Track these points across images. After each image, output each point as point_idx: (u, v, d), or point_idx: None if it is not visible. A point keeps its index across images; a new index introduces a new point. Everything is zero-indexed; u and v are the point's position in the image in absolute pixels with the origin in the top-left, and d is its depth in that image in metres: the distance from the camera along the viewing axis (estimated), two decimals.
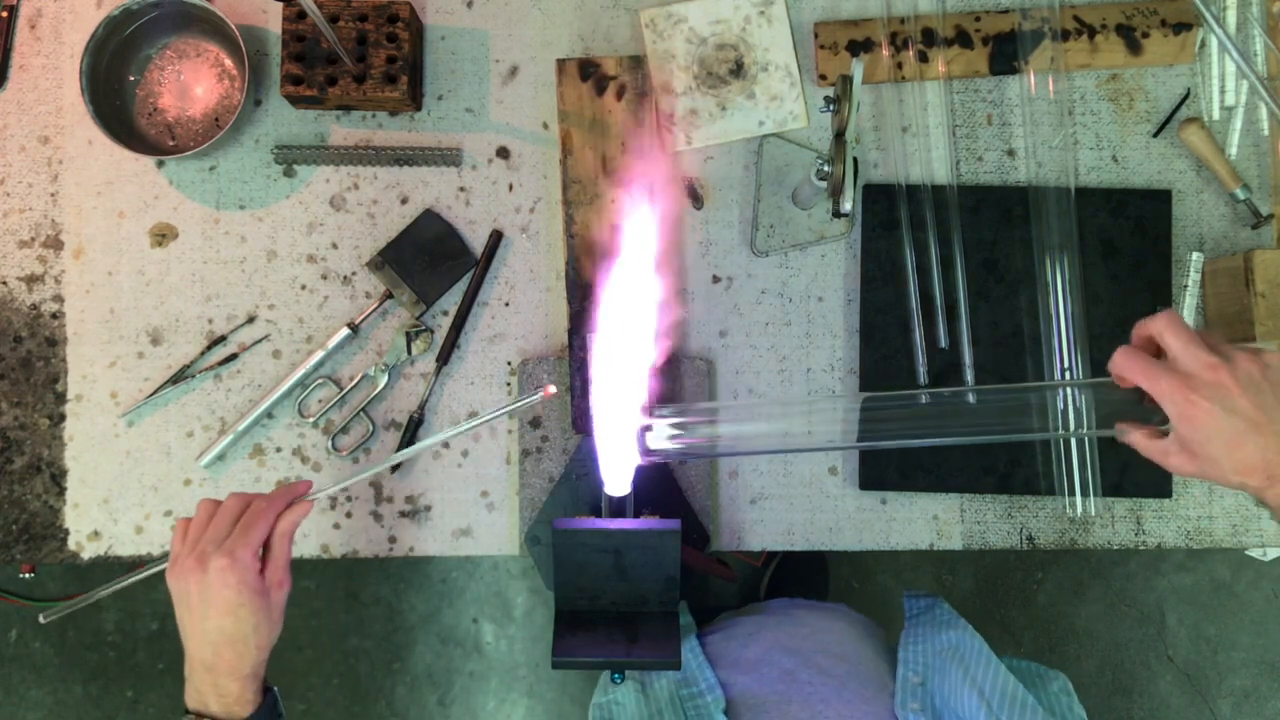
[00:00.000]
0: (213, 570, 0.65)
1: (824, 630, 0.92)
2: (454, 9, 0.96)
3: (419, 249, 0.92)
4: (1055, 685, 0.85)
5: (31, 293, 0.93)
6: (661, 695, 0.81)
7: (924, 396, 0.83)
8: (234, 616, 0.65)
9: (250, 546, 0.66)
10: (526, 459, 0.91)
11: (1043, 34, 0.93)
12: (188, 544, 0.67)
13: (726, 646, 0.89)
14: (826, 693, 0.78)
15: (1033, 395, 0.76)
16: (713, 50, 0.94)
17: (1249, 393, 0.58)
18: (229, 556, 0.65)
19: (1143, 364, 0.61)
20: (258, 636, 0.66)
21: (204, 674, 0.66)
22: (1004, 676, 0.76)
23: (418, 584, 1.84)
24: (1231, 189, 0.92)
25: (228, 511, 0.68)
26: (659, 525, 0.70)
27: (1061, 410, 0.86)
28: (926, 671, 0.80)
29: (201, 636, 0.66)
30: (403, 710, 1.84)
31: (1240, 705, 1.86)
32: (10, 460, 0.92)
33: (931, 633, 0.85)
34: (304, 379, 0.92)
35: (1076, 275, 0.91)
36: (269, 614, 0.67)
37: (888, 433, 0.73)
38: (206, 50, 0.95)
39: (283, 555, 0.69)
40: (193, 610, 0.66)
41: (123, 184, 0.94)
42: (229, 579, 0.65)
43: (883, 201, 0.93)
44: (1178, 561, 1.86)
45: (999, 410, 0.73)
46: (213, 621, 0.65)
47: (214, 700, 0.67)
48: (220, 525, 0.67)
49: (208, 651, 0.66)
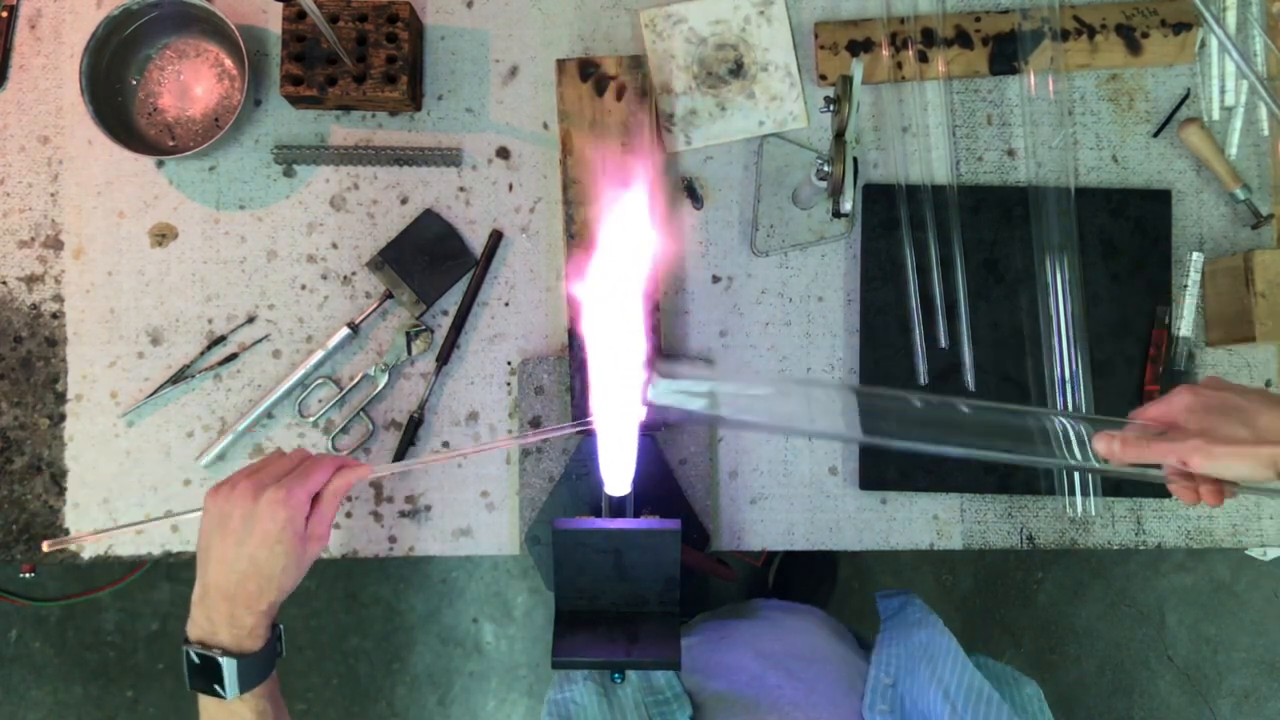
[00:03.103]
0: (264, 500, 0.65)
1: (795, 632, 0.92)
2: (454, 9, 0.96)
3: (419, 249, 0.92)
4: (1029, 690, 0.86)
5: (31, 293, 0.93)
6: (627, 702, 0.81)
7: (917, 401, 0.83)
8: (269, 550, 0.65)
9: (306, 489, 0.67)
10: (526, 459, 0.91)
11: (1043, 34, 0.93)
12: (244, 472, 0.68)
13: (698, 651, 0.89)
14: (795, 696, 0.78)
15: (1031, 420, 0.78)
16: (712, 50, 0.94)
17: (1240, 387, 0.64)
18: (285, 491, 0.65)
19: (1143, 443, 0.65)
20: (284, 578, 0.66)
21: (220, 602, 0.66)
22: (971, 675, 0.76)
23: (418, 584, 1.84)
24: (1231, 189, 0.92)
25: (291, 458, 0.70)
26: (659, 525, 0.70)
27: (1061, 432, 0.86)
28: (899, 673, 0.81)
29: (229, 563, 0.65)
30: (403, 710, 1.84)
31: (1240, 705, 1.86)
32: (10, 460, 0.92)
33: (905, 634, 0.86)
34: (304, 379, 0.92)
35: (1076, 275, 0.91)
36: (300, 560, 0.67)
37: (887, 431, 0.73)
38: (206, 50, 0.95)
39: (330, 510, 0.69)
40: (229, 534, 0.65)
41: (123, 184, 0.94)
42: (278, 513, 0.65)
43: (883, 201, 0.93)
44: (1178, 561, 1.86)
45: (1001, 428, 0.74)
46: (248, 549, 0.65)
47: (225, 630, 0.66)
48: (282, 465, 0.68)
49: (231, 580, 0.65)
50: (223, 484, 0.68)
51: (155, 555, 0.92)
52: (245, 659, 0.66)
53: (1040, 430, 0.80)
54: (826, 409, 0.77)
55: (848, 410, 0.74)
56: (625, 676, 0.75)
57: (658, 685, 0.81)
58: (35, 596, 1.80)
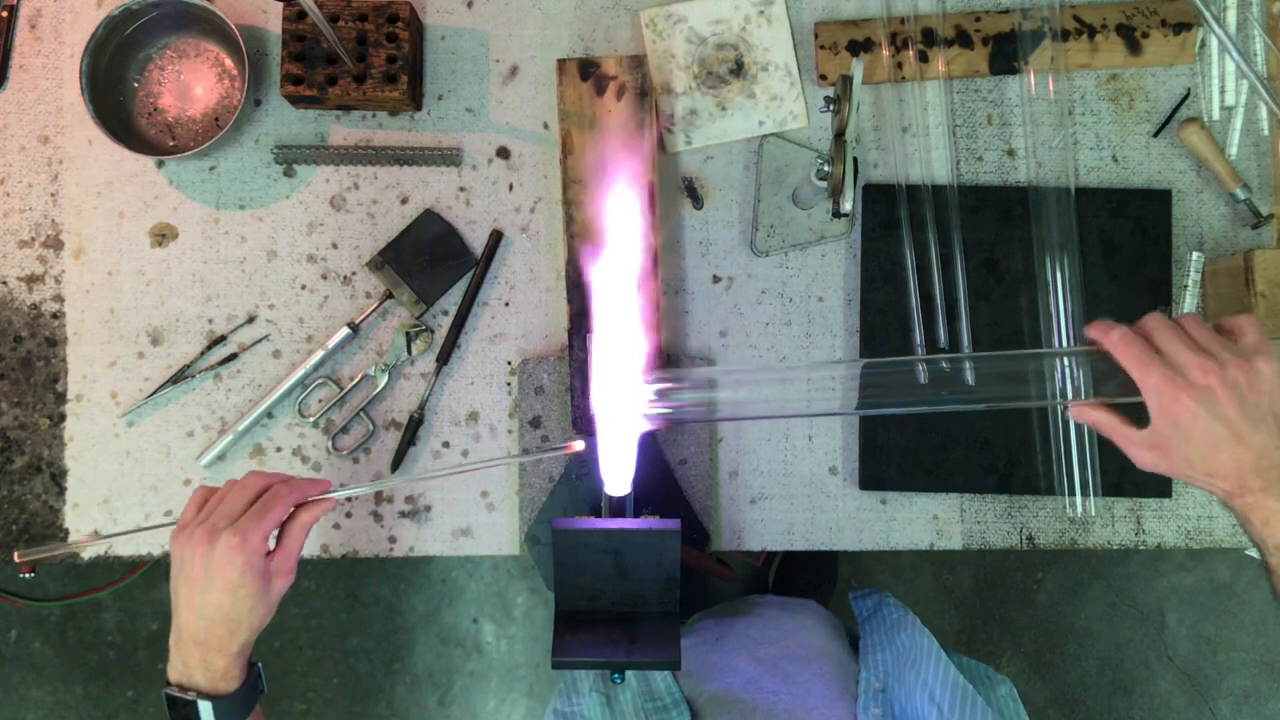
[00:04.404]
0: (220, 547, 0.64)
1: (791, 631, 0.92)
2: (454, 9, 0.96)
3: (419, 249, 0.92)
4: (1003, 690, 0.86)
5: (31, 293, 0.93)
6: (626, 708, 0.81)
7: (922, 368, 0.83)
8: (233, 596, 0.64)
9: (263, 530, 0.65)
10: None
11: (1043, 34, 0.93)
12: (202, 514, 0.67)
13: (695, 652, 0.89)
14: (791, 701, 0.78)
15: (1029, 363, 0.76)
16: (713, 50, 0.94)
17: (1235, 400, 0.59)
18: (240, 536, 0.64)
19: (1138, 350, 0.62)
20: (252, 618, 0.66)
21: (193, 647, 0.66)
22: (954, 677, 0.77)
23: (418, 584, 1.84)
24: (1231, 189, 0.92)
25: (246, 488, 0.68)
26: (659, 525, 0.70)
27: (1060, 386, 0.85)
28: (887, 678, 0.81)
29: (197, 610, 0.65)
30: (403, 710, 1.84)
31: (1240, 705, 1.86)
32: (10, 460, 0.92)
33: (888, 638, 0.86)
34: (304, 379, 0.92)
35: (1076, 275, 0.91)
36: (267, 598, 0.66)
37: (887, 400, 0.73)
38: (206, 50, 0.95)
39: (295, 546, 0.69)
40: (193, 581, 0.65)
41: (123, 184, 0.94)
42: (235, 559, 0.64)
43: (883, 201, 0.93)
44: (1178, 561, 1.86)
45: (996, 377, 0.73)
46: (212, 597, 0.64)
47: (200, 674, 0.66)
48: (236, 502, 0.67)
49: (200, 625, 0.65)
50: (181, 528, 0.67)
51: (155, 555, 0.92)
52: (221, 700, 0.66)
53: (1037, 373, 0.79)
54: (824, 385, 0.77)
55: (847, 395, 0.74)
56: (625, 677, 0.75)
57: (657, 691, 0.81)
58: (35, 596, 1.80)
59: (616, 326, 0.67)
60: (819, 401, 0.79)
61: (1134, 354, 0.62)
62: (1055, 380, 0.82)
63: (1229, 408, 0.59)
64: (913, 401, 0.76)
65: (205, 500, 0.68)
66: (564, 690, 0.88)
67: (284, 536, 0.68)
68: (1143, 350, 0.62)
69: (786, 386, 0.78)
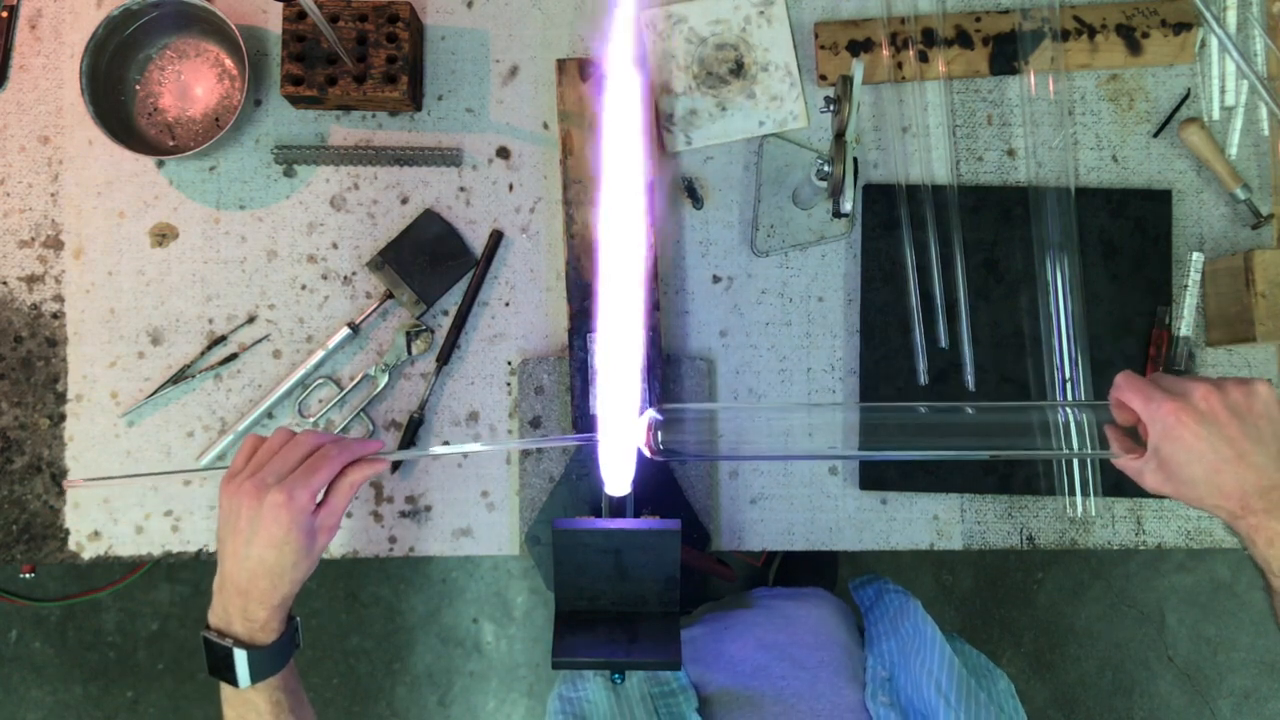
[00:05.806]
0: (268, 504, 0.64)
1: (800, 620, 0.92)
2: (454, 9, 0.96)
3: (419, 249, 0.92)
4: (1001, 685, 0.87)
5: (32, 293, 0.93)
6: (633, 694, 0.81)
7: (922, 409, 0.84)
8: (277, 550, 0.65)
9: (310, 489, 0.66)
10: (526, 459, 0.91)
11: (1043, 34, 0.93)
12: (251, 465, 0.67)
13: (702, 641, 0.89)
14: (799, 687, 0.79)
15: (1034, 414, 0.79)
16: (713, 50, 0.94)
17: (1236, 421, 0.61)
18: (287, 494, 0.65)
19: (1141, 383, 0.65)
20: (295, 572, 0.67)
21: (235, 596, 0.66)
22: (957, 669, 0.78)
23: (418, 584, 1.84)
24: (1231, 189, 0.92)
25: (299, 445, 0.68)
26: (659, 525, 0.70)
27: (1063, 424, 0.86)
28: (893, 667, 0.82)
29: (240, 560, 0.66)
30: (403, 710, 1.84)
31: (1240, 705, 1.86)
32: (10, 460, 0.92)
33: (893, 626, 0.87)
34: (304, 379, 0.92)
35: (1076, 275, 0.91)
36: (310, 554, 0.67)
37: (888, 444, 0.76)
38: (206, 50, 0.95)
39: (341, 504, 0.69)
40: (238, 533, 0.66)
41: (123, 184, 0.94)
42: (280, 516, 0.64)
43: (883, 201, 0.93)
44: (1178, 561, 1.86)
45: (999, 427, 0.76)
46: (255, 549, 0.65)
47: (239, 622, 0.67)
48: (287, 459, 0.67)
49: (243, 576, 0.66)
50: (230, 477, 0.67)
51: (155, 555, 0.92)
52: (257, 651, 0.67)
53: (1042, 424, 0.82)
54: (826, 419, 0.78)
55: (848, 426, 0.75)
56: (625, 677, 0.75)
57: (663, 676, 0.81)
58: (35, 596, 1.80)
59: (618, 328, 0.67)
60: (820, 436, 0.80)
61: (1138, 385, 0.65)
62: (1058, 421, 0.84)
63: (1231, 428, 0.61)
64: (914, 445, 0.78)
65: (255, 450, 0.68)
66: (569, 676, 0.88)
67: (330, 494, 0.69)
68: (1145, 382, 0.65)
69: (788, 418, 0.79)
